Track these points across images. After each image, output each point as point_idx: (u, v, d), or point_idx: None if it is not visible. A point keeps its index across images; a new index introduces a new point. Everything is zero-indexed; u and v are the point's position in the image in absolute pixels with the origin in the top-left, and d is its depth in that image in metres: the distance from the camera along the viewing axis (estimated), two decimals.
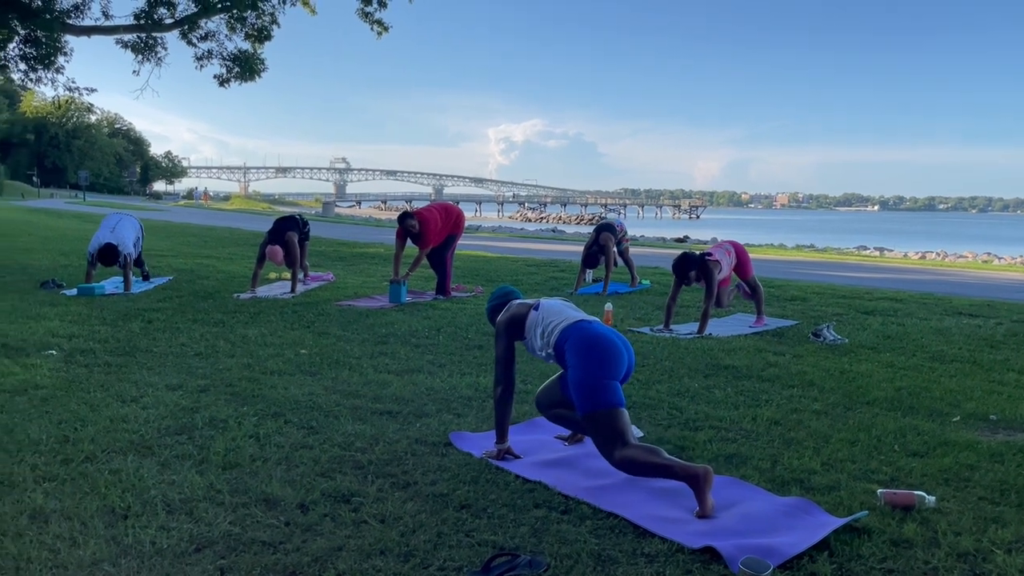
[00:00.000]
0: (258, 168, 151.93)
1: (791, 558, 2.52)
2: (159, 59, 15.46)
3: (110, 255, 8.29)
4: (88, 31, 14.88)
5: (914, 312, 8.23)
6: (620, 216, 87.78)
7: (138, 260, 9.13)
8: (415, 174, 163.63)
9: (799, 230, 58.12)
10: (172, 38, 15.69)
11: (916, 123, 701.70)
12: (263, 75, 16.12)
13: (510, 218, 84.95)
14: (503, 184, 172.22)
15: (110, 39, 15.39)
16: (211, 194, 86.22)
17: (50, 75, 15.31)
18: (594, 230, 9.85)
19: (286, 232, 8.80)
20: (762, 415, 4.20)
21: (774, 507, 2.94)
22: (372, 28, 15.64)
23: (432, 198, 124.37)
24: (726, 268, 7.06)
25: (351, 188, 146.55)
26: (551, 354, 3.38)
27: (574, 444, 3.70)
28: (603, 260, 9.42)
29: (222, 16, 15.10)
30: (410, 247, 8.78)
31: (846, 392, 4.78)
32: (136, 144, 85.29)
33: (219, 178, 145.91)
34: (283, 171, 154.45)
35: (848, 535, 2.71)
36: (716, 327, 6.95)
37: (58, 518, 2.65)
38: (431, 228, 8.52)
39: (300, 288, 8.86)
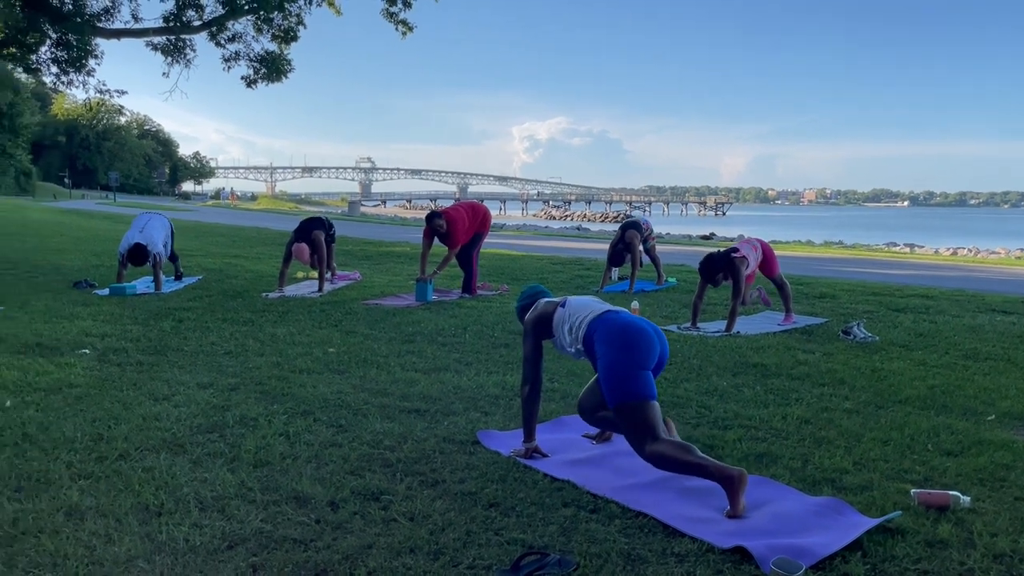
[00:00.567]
0: (284, 168, 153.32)
1: (823, 559, 2.50)
2: (188, 61, 15.64)
3: (140, 255, 8.40)
4: (118, 34, 15.08)
5: (946, 309, 8.11)
6: (645, 213, 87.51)
7: (173, 257, 9.26)
8: (440, 173, 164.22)
9: (827, 226, 57.54)
10: (200, 40, 15.87)
11: (948, 117, 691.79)
12: (289, 76, 16.24)
13: (534, 216, 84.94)
14: (527, 182, 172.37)
15: (139, 42, 15.59)
16: (238, 194, 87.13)
17: (81, 78, 15.55)
18: (620, 228, 9.81)
19: (312, 231, 8.86)
20: (792, 414, 4.17)
21: (805, 507, 2.91)
22: (397, 28, 15.70)
23: (456, 197, 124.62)
24: (752, 263, 7.00)
25: (376, 187, 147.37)
26: (580, 349, 3.36)
27: (602, 443, 3.69)
28: (629, 258, 9.38)
29: (249, 18, 15.24)
30: (437, 246, 8.81)
31: (877, 390, 4.72)
32: (165, 145, 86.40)
33: (246, 178, 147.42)
34: (309, 171, 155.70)
35: (881, 536, 2.68)
36: (744, 325, 6.90)
37: (93, 515, 2.69)
38: (459, 227, 8.54)
39: (327, 287, 8.92)
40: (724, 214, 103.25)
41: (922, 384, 4.88)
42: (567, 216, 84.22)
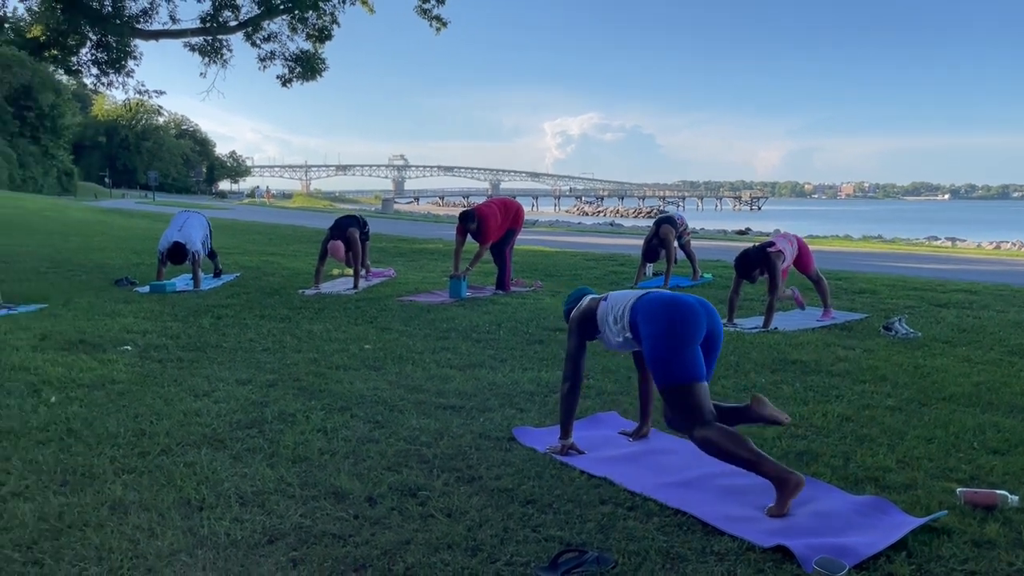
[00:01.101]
0: (319, 166, 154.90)
1: (867, 558, 2.45)
2: (224, 61, 15.84)
3: (179, 253, 8.52)
4: (156, 35, 15.32)
5: (990, 304, 7.93)
6: (679, 208, 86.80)
7: (211, 254, 9.39)
8: (471, 169, 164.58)
9: (865, 220, 56.62)
10: (236, 40, 16.06)
11: (990, 108, 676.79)
12: (324, 74, 16.38)
13: (567, 212, 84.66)
14: (559, 178, 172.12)
15: (176, 43, 15.82)
16: (273, 192, 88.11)
17: (121, 79, 15.83)
18: (654, 223, 9.74)
19: (347, 228, 8.92)
20: (833, 411, 4.10)
21: (848, 506, 2.87)
22: (431, 25, 15.73)
23: (489, 193, 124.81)
24: (789, 258, 6.91)
25: (409, 184, 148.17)
26: (628, 337, 3.27)
27: (639, 440, 3.67)
28: (664, 253, 9.31)
29: (284, 17, 15.38)
30: (471, 242, 8.83)
31: (921, 387, 4.63)
32: (202, 144, 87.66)
33: (282, 176, 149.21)
34: (343, 169, 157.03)
35: (927, 535, 2.62)
36: (782, 321, 6.81)
37: (137, 509, 2.74)
38: (491, 224, 8.56)
39: (362, 284, 8.98)
40: (759, 208, 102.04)
41: (967, 381, 4.77)
42: (600, 212, 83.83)
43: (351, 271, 9.19)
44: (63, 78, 37.88)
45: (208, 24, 15.12)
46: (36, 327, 5.86)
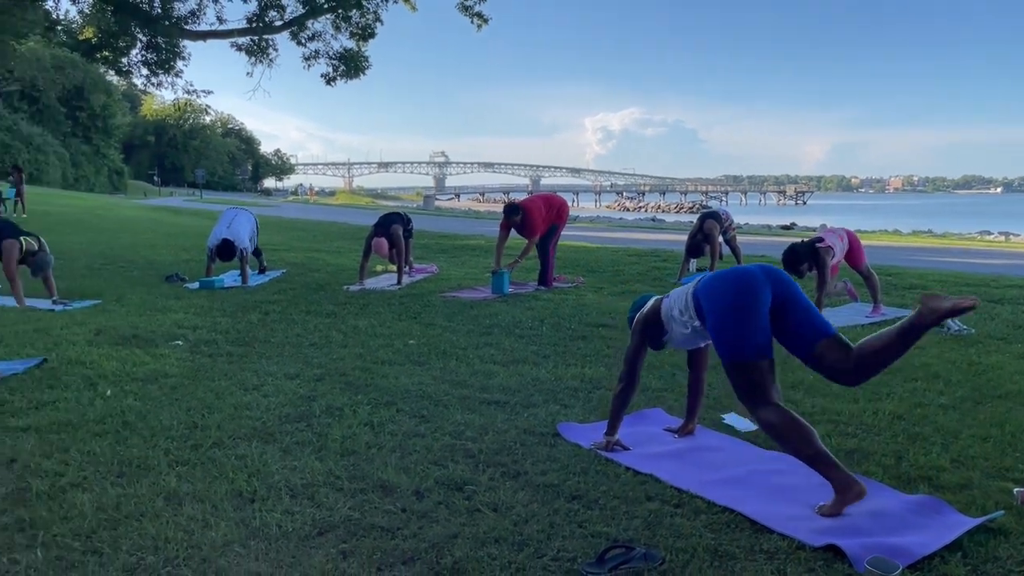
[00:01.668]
0: (361, 164, 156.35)
1: (922, 558, 2.41)
2: (270, 60, 16.09)
3: (227, 250, 8.67)
4: (204, 35, 15.61)
5: None
6: (722, 203, 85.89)
7: (256, 252, 9.55)
8: (512, 166, 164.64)
9: (915, 214, 55.33)
10: (282, 39, 16.29)
11: None
12: (366, 72, 16.54)
13: (608, 208, 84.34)
14: (600, 174, 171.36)
15: (222, 43, 16.11)
16: (316, 189, 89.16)
17: (170, 79, 16.19)
18: (698, 218, 9.65)
19: (391, 226, 9.00)
20: (883, 409, 4.03)
21: (901, 505, 2.81)
22: (472, 21, 15.80)
23: (529, 189, 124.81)
24: (839, 254, 6.78)
25: (450, 181, 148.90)
26: (696, 327, 3.18)
27: (684, 436, 3.64)
28: (708, 249, 9.23)
29: (328, 16, 15.57)
30: (514, 237, 8.84)
31: (975, 385, 4.52)
32: (247, 143, 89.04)
33: (324, 174, 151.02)
34: (385, 166, 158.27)
35: (983, 535, 2.57)
36: (830, 317, 6.63)
37: (191, 500, 2.80)
38: (535, 217, 8.57)
39: (406, 280, 9.05)
40: (804, 203, 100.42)
41: (1023, 379, 4.65)
42: (641, 207, 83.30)
43: (394, 267, 9.27)
44: (114, 79, 38.79)
45: (254, 24, 15.37)
46: (91, 322, 6.02)
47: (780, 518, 2.69)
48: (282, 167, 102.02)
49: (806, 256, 6.60)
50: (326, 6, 15.19)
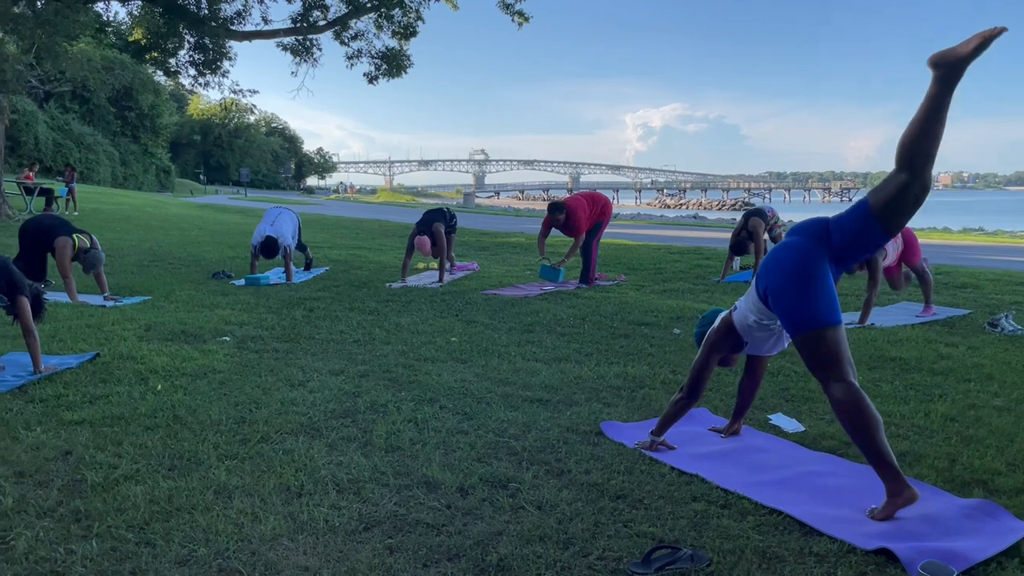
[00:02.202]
0: (402, 162, 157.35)
1: (977, 564, 2.35)
2: (315, 60, 16.26)
3: (271, 248, 8.80)
4: (250, 36, 15.83)
5: None
6: (765, 200, 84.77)
7: (301, 246, 9.68)
8: (552, 163, 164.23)
9: (965, 212, 54.00)
10: (325, 39, 16.46)
11: None
12: (408, 71, 16.63)
13: (648, 205, 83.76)
14: (640, 171, 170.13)
15: (265, 43, 16.33)
16: (357, 188, 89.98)
17: (216, 79, 16.44)
18: (743, 216, 9.53)
19: (433, 223, 9.05)
20: (936, 411, 3.93)
21: (955, 509, 2.74)
22: (513, 19, 15.79)
23: (569, 187, 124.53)
24: (892, 254, 6.62)
25: (489, 179, 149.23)
26: (773, 317, 3.07)
27: (730, 436, 3.60)
28: (752, 247, 9.11)
29: (371, 15, 15.69)
30: (554, 235, 8.84)
31: None
32: (291, 142, 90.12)
33: (366, 172, 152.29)
34: (425, 164, 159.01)
35: None
36: (879, 317, 6.57)
37: (240, 494, 2.84)
38: (580, 215, 8.56)
39: (447, 277, 9.10)
40: (850, 200, 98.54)
41: None
42: (682, 204, 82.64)
43: (436, 265, 9.32)
44: (162, 79, 39.56)
45: (299, 24, 15.55)
46: (141, 318, 6.15)
47: (830, 520, 2.65)
48: (324, 165, 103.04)
49: None
50: (369, 5, 15.30)
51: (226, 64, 16.31)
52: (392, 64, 16.14)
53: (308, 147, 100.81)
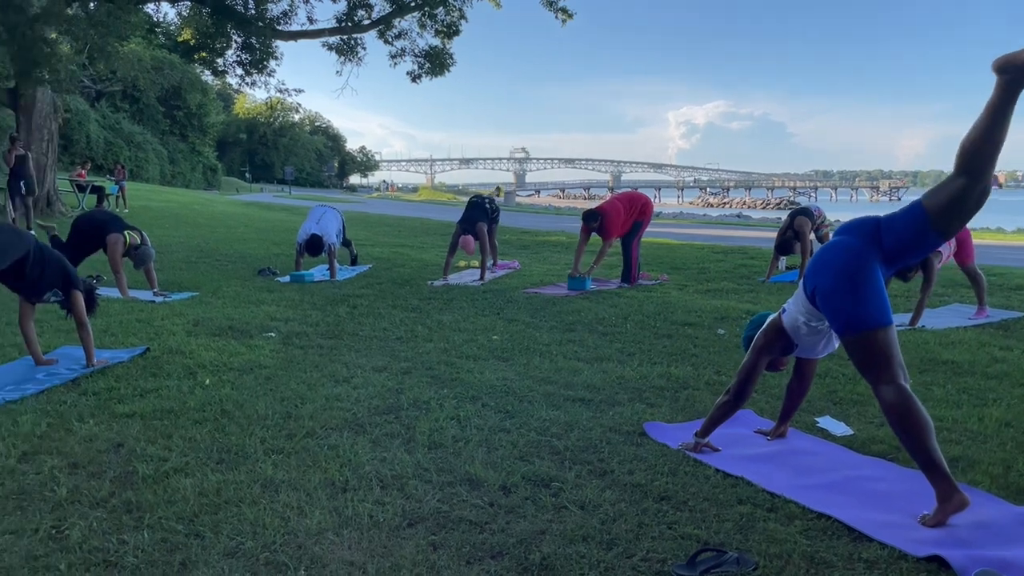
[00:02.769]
0: (443, 160, 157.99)
1: None
2: (359, 59, 16.43)
3: (316, 245, 8.91)
4: (295, 36, 16.05)
5: None
6: (811, 199, 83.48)
7: (347, 242, 9.80)
8: (593, 161, 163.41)
9: (1020, 211, 52.50)
10: (369, 38, 16.61)
11: None
12: (451, 69, 16.71)
13: (690, 204, 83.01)
14: (683, 169, 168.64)
15: (311, 42, 16.55)
16: (398, 186, 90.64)
17: (263, 78, 16.69)
18: (789, 215, 9.38)
19: (477, 223, 9.09)
20: (990, 415, 3.83)
21: (1011, 517, 2.67)
22: (557, 16, 15.78)
23: (610, 185, 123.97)
24: (946, 256, 6.45)
25: (530, 177, 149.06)
26: (822, 318, 3.02)
27: (776, 439, 3.54)
28: (798, 247, 8.96)
29: (414, 14, 15.79)
30: (596, 237, 8.81)
31: None
32: (334, 140, 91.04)
33: (407, 170, 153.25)
34: (466, 162, 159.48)
35: None
36: (931, 319, 6.41)
37: (286, 488, 2.88)
38: (614, 220, 8.52)
39: (488, 276, 9.12)
40: (899, 199, 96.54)
41: None
42: (725, 203, 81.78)
43: (477, 263, 9.35)
44: (209, 79, 40.27)
45: (343, 24, 15.72)
46: (189, 314, 6.27)
47: (880, 526, 2.59)
48: (367, 164, 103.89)
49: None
50: (412, 4, 15.41)
51: (272, 64, 16.57)
52: (435, 62, 16.24)
53: (351, 145, 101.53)
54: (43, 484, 2.89)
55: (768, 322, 3.34)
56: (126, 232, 7.41)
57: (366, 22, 15.92)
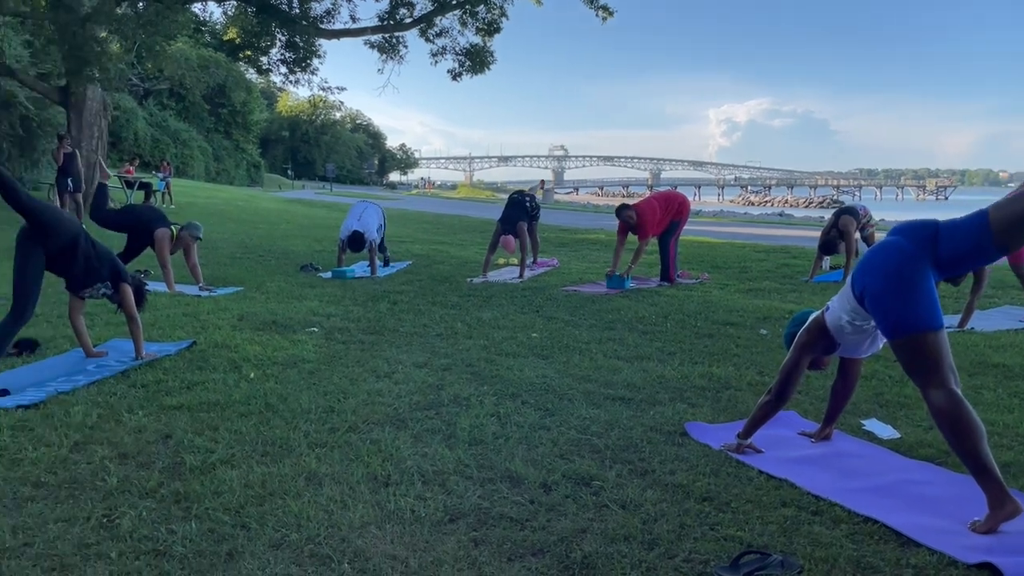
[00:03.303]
0: (481, 157, 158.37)
1: None
2: (401, 57, 16.55)
3: (358, 242, 8.99)
4: (338, 34, 16.21)
5: None
6: (855, 198, 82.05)
7: (381, 245, 9.85)
8: (632, 159, 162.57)
9: None
10: (410, 36, 16.73)
11: None
12: (491, 67, 16.75)
13: (731, 202, 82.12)
14: (723, 167, 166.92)
15: (353, 41, 16.70)
16: (436, 183, 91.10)
17: (306, 76, 16.90)
18: (833, 214, 9.23)
19: (517, 222, 9.10)
20: None
21: None
22: (597, 14, 15.71)
23: (649, 183, 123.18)
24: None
25: (569, 175, 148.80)
26: (867, 318, 2.97)
27: (821, 441, 3.49)
28: (842, 246, 8.81)
29: (456, 12, 15.85)
30: (633, 239, 8.76)
31: None
32: (374, 138, 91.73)
33: (446, 168, 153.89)
34: (504, 160, 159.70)
35: None
36: (980, 320, 6.27)
37: (330, 482, 2.91)
38: (649, 218, 8.46)
39: (527, 273, 9.12)
40: (946, 198, 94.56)
41: None
42: (766, 202, 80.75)
43: (516, 260, 9.36)
44: (254, 77, 40.87)
45: (385, 22, 15.84)
46: (234, 308, 6.37)
47: (929, 531, 2.54)
48: (406, 161, 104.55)
49: None
50: (454, 2, 15.48)
51: (316, 62, 16.76)
52: (476, 60, 16.29)
53: (391, 143, 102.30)
54: (94, 473, 2.97)
55: (811, 320, 3.29)
56: (172, 227, 7.56)
57: (408, 20, 16.02)
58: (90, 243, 4.62)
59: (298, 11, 15.59)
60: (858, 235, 8.90)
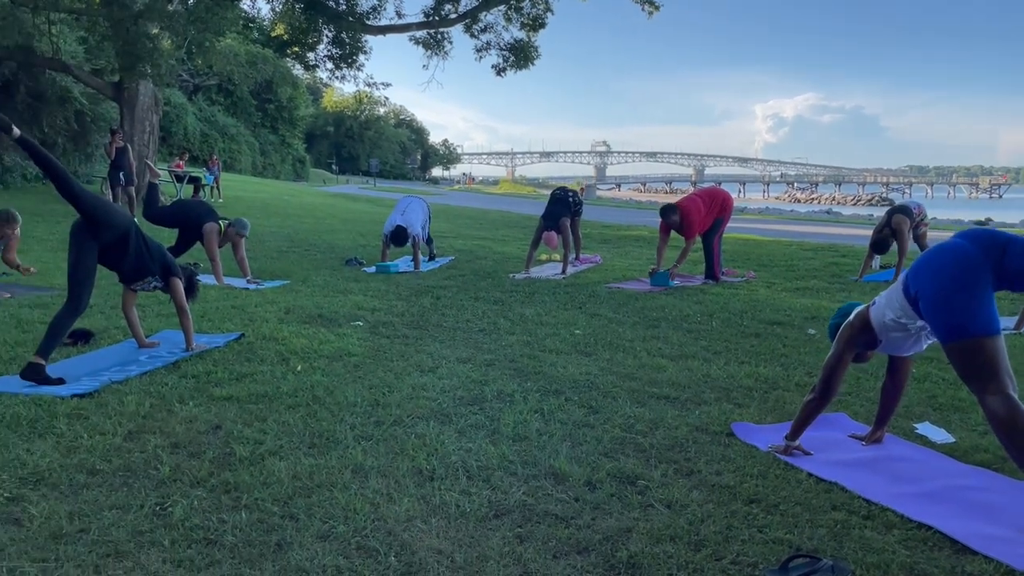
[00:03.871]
0: (523, 153, 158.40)
1: None
2: (445, 53, 16.62)
3: (401, 236, 9.06)
4: (384, 30, 16.35)
5: None
6: (905, 196, 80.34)
7: (428, 239, 9.93)
8: (675, 155, 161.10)
9: None
10: (455, 32, 16.78)
11: None
12: (535, 62, 16.72)
13: (777, 199, 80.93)
14: (769, 163, 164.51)
15: (397, 37, 16.82)
16: (477, 179, 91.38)
17: (352, 72, 17.05)
18: (887, 212, 9.02)
19: (560, 218, 9.08)
20: None
21: None
22: (643, 8, 15.61)
23: (693, 180, 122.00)
24: None
25: (611, 171, 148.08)
26: (920, 327, 2.94)
27: (872, 444, 3.42)
28: (895, 245, 8.62)
29: (500, 8, 15.86)
30: (676, 237, 8.68)
31: None
32: (418, 133, 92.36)
33: (488, 163, 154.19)
34: (547, 156, 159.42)
35: None
36: None
37: (376, 475, 2.94)
38: (693, 217, 8.38)
39: (570, 270, 9.10)
40: (1000, 196, 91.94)
41: None
42: (813, 199, 79.43)
43: (559, 256, 9.34)
44: (300, 73, 41.40)
45: (431, 18, 15.91)
46: (281, 301, 6.46)
47: (984, 538, 2.48)
48: (449, 156, 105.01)
49: None
50: None
51: (361, 58, 16.91)
52: (520, 56, 16.30)
53: (434, 138, 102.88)
54: (147, 462, 3.03)
55: (855, 314, 3.23)
56: (220, 222, 7.69)
57: (453, 16, 16.09)
58: (141, 238, 4.71)
59: (344, 7, 15.75)
60: (911, 233, 8.69)
